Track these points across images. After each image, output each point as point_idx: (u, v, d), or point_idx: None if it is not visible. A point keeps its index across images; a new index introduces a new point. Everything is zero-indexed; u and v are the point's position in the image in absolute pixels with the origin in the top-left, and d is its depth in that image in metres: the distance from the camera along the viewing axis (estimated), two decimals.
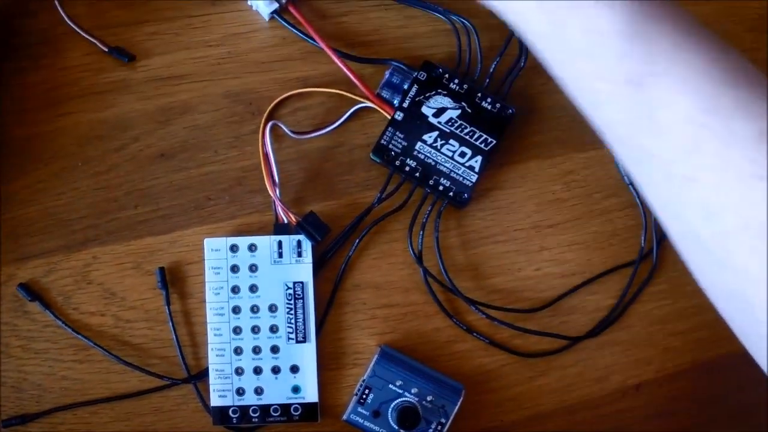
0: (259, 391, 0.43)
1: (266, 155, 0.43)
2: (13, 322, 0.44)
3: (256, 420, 0.43)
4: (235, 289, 0.42)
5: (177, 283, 0.45)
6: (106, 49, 0.44)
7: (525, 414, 0.47)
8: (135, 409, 0.45)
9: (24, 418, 0.43)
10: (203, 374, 0.45)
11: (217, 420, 0.43)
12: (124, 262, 0.44)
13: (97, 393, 0.44)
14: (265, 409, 0.43)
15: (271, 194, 0.43)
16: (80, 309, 0.44)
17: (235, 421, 0.43)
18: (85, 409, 0.44)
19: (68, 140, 0.44)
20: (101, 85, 0.45)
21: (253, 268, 0.42)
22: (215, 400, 0.43)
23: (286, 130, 0.44)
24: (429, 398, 0.44)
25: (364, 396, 0.44)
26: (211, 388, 0.43)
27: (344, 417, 0.45)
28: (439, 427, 0.44)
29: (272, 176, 0.43)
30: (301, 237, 0.41)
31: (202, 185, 0.45)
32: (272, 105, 0.45)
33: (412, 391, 0.44)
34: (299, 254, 0.42)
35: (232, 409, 0.43)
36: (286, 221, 0.42)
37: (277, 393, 0.43)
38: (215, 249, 0.42)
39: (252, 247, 0.42)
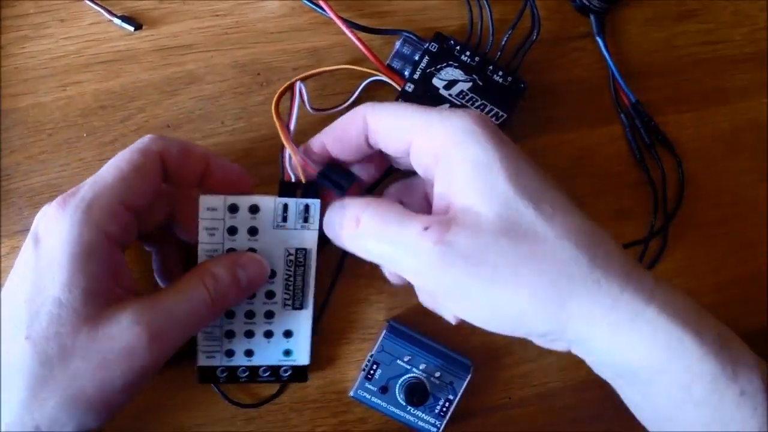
0: (249, 353, 0.42)
1: (290, 110, 0.40)
2: None
3: (244, 379, 0.42)
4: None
5: None
6: (112, 18, 0.43)
7: (534, 391, 0.47)
8: None
9: None
10: None
11: (203, 378, 0.42)
12: None
13: None
14: (254, 369, 0.42)
15: (286, 144, 0.38)
16: None
17: (222, 380, 0.42)
18: None
19: (73, 110, 0.44)
20: (107, 55, 0.44)
21: (252, 231, 0.38)
22: (202, 360, 0.41)
23: (306, 100, 0.42)
24: (437, 374, 0.44)
25: (372, 371, 0.44)
26: (199, 348, 0.41)
27: (351, 393, 0.44)
28: (447, 404, 0.44)
29: (288, 128, 0.40)
30: (309, 201, 0.38)
31: None
32: (283, 88, 0.43)
33: (420, 366, 0.44)
34: (305, 220, 0.39)
35: (220, 369, 0.42)
36: (294, 179, 0.39)
37: (267, 356, 0.42)
38: (211, 208, 0.38)
39: (254, 209, 0.38)
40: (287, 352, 0.42)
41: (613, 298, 0.32)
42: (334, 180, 0.37)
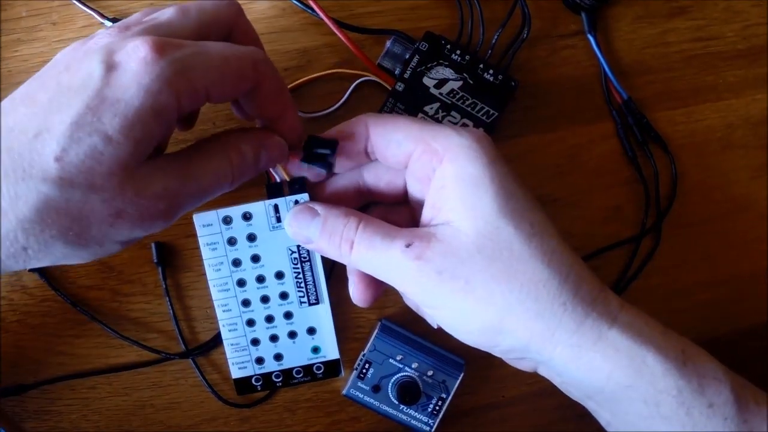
0: (278, 357, 0.42)
1: None
2: (9, 297, 0.43)
3: (280, 384, 0.43)
4: (236, 262, 0.40)
5: (175, 256, 0.44)
6: (104, 21, 0.44)
7: (526, 390, 0.47)
8: (133, 383, 0.44)
9: (21, 387, 0.43)
10: (202, 348, 0.44)
11: (240, 390, 0.43)
12: None
13: (94, 368, 0.44)
14: (287, 372, 0.43)
15: None
16: (77, 283, 0.44)
17: (259, 388, 0.43)
18: (83, 383, 0.44)
19: None
20: None
21: (251, 237, 0.40)
22: (236, 373, 0.42)
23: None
24: (430, 373, 0.44)
25: (364, 370, 0.44)
26: (230, 361, 0.42)
27: (344, 392, 0.44)
28: (440, 403, 0.44)
29: None
30: (298, 197, 0.39)
31: None
32: None
33: (413, 365, 0.44)
34: None
35: (254, 378, 0.42)
36: (279, 179, 0.39)
37: (297, 356, 0.42)
38: (206, 224, 0.39)
39: (246, 216, 0.39)
40: (315, 350, 0.42)
41: (577, 322, 0.33)
42: (319, 154, 0.37)
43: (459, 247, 0.33)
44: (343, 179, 0.40)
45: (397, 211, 0.40)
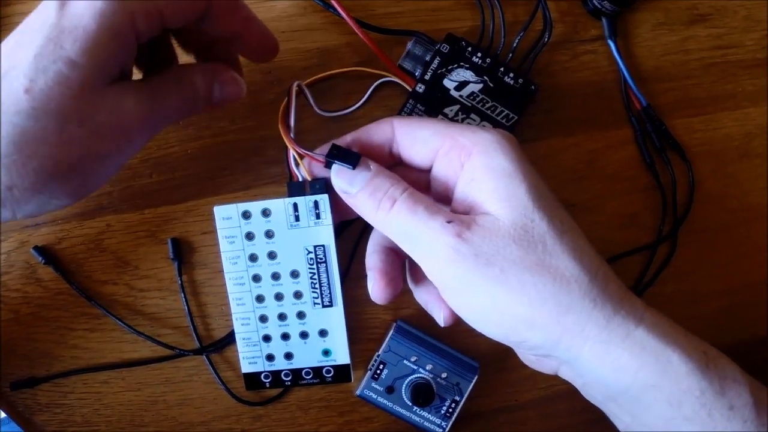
0: (289, 356, 0.42)
1: (288, 108, 0.40)
2: (24, 289, 0.43)
3: (289, 383, 0.43)
4: (252, 257, 0.40)
5: (191, 252, 0.44)
6: None
7: (540, 394, 0.47)
8: (146, 379, 0.44)
9: (33, 380, 0.43)
10: (216, 345, 0.44)
11: (249, 385, 0.43)
12: (137, 231, 0.44)
13: (107, 362, 0.44)
14: (296, 372, 0.42)
15: (287, 142, 0.39)
16: (92, 277, 0.44)
17: (267, 385, 0.43)
18: (96, 377, 0.44)
19: None
20: None
21: (269, 234, 0.40)
22: (245, 367, 0.42)
23: (312, 101, 0.42)
24: (444, 375, 0.44)
25: (379, 371, 0.44)
26: (240, 355, 0.42)
27: (358, 392, 0.44)
28: (453, 405, 0.44)
29: (288, 126, 0.40)
30: (318, 197, 0.39)
31: (217, 154, 0.44)
32: (294, 85, 0.43)
33: (427, 367, 0.44)
34: (317, 216, 0.39)
35: (263, 374, 0.42)
36: (301, 178, 0.39)
37: (307, 357, 0.42)
38: (226, 217, 0.40)
39: (266, 212, 0.40)
40: (326, 352, 0.42)
41: (606, 318, 0.33)
42: (342, 156, 0.37)
43: (497, 234, 0.33)
44: None
45: None
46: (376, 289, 0.39)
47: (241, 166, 0.44)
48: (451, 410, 0.44)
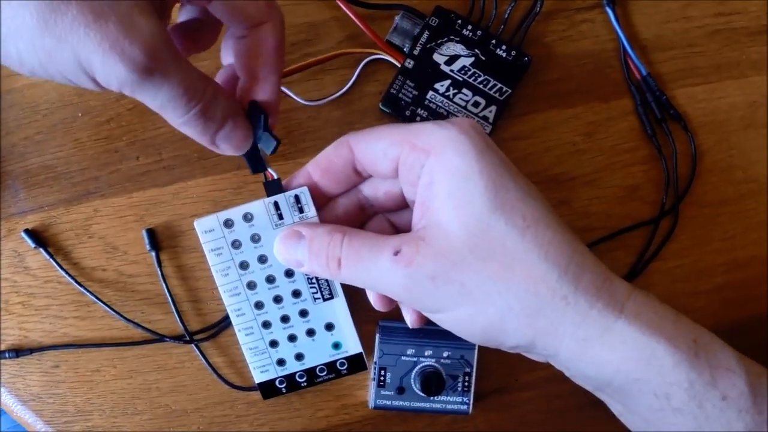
0: (300, 357, 0.41)
1: None
2: (12, 278, 0.43)
3: (305, 384, 0.42)
4: (243, 265, 0.39)
5: (180, 236, 0.43)
6: None
7: (541, 375, 0.46)
8: (138, 366, 0.44)
9: (18, 351, 0.43)
10: (206, 330, 0.44)
11: (266, 394, 0.42)
12: (126, 215, 0.43)
13: (98, 350, 0.43)
14: (310, 371, 0.41)
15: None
16: (81, 264, 0.43)
17: (284, 390, 0.42)
18: (88, 366, 0.43)
19: (68, 90, 0.43)
20: None
21: (255, 238, 0.38)
22: (258, 377, 0.41)
23: (295, 97, 0.42)
24: (445, 354, 0.43)
25: (383, 378, 0.43)
26: (250, 366, 0.41)
27: (371, 405, 0.43)
28: (467, 378, 0.43)
29: None
30: (298, 191, 0.37)
31: None
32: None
33: (427, 353, 0.43)
34: (300, 210, 0.38)
35: (278, 380, 0.41)
36: (276, 176, 0.38)
37: (318, 354, 0.41)
38: (208, 229, 0.38)
39: (247, 217, 0.38)
40: (336, 345, 0.41)
41: (581, 315, 0.32)
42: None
43: (450, 249, 0.32)
44: (344, 200, 0.39)
45: (401, 215, 0.39)
46: (376, 300, 0.38)
47: None
48: (467, 384, 0.43)
